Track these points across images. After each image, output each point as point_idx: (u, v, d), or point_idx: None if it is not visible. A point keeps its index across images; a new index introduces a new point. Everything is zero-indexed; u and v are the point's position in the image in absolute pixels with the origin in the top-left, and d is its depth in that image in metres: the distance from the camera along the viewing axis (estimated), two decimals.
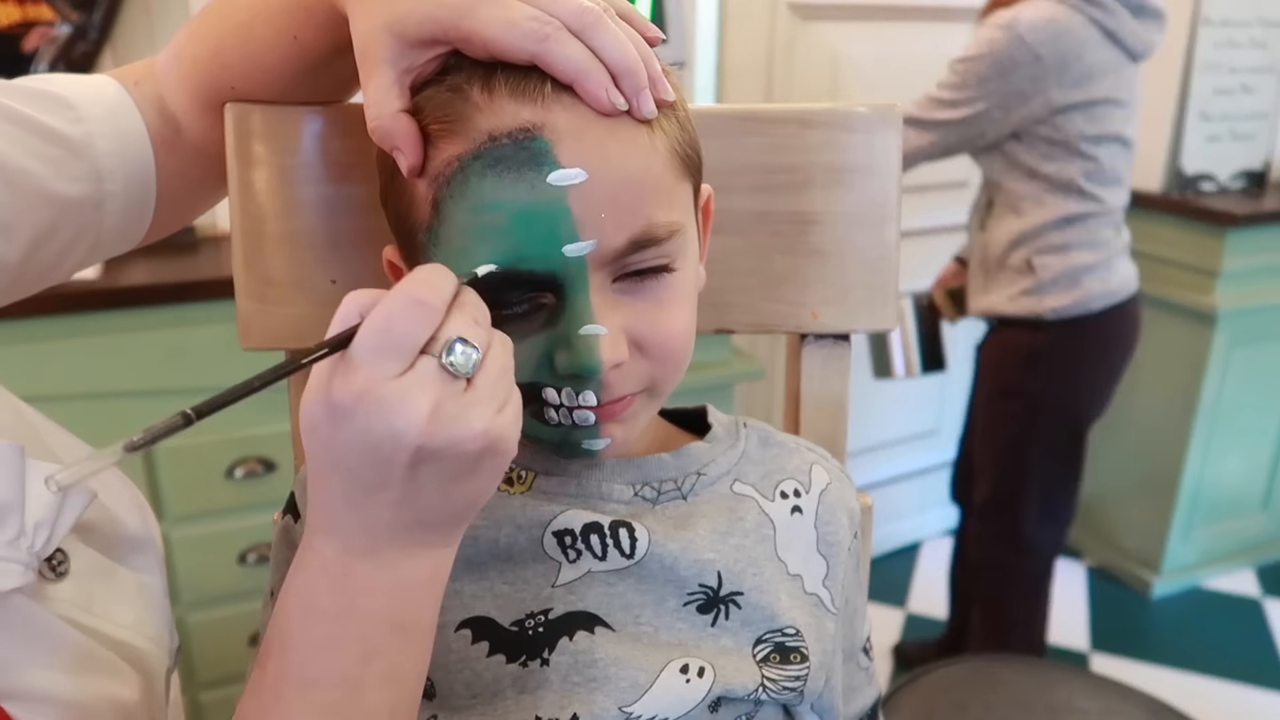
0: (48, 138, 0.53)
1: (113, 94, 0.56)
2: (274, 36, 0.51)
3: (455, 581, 0.49)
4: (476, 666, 0.48)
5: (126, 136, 0.56)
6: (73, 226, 0.55)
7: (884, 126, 0.63)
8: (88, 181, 0.54)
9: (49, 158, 0.52)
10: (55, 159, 0.53)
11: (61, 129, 0.53)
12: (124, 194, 0.56)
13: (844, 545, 0.56)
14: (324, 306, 0.60)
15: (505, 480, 0.52)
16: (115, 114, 0.56)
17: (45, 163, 0.52)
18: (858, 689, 0.60)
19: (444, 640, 0.48)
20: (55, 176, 0.53)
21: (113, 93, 0.56)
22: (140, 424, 0.36)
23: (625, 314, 0.45)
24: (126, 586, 0.54)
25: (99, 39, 1.41)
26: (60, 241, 0.55)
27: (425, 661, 0.44)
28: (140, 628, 0.53)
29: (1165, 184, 2.05)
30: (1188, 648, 2.02)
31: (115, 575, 0.53)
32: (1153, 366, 2.12)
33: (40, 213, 0.52)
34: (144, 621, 0.54)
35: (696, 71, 1.74)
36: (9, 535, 0.43)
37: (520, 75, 0.42)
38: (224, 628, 1.41)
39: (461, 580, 0.49)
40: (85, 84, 0.56)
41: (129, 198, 0.57)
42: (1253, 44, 2.01)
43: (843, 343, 0.66)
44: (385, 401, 0.37)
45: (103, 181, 0.55)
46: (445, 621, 0.48)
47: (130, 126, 0.56)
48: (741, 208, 0.62)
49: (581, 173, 0.42)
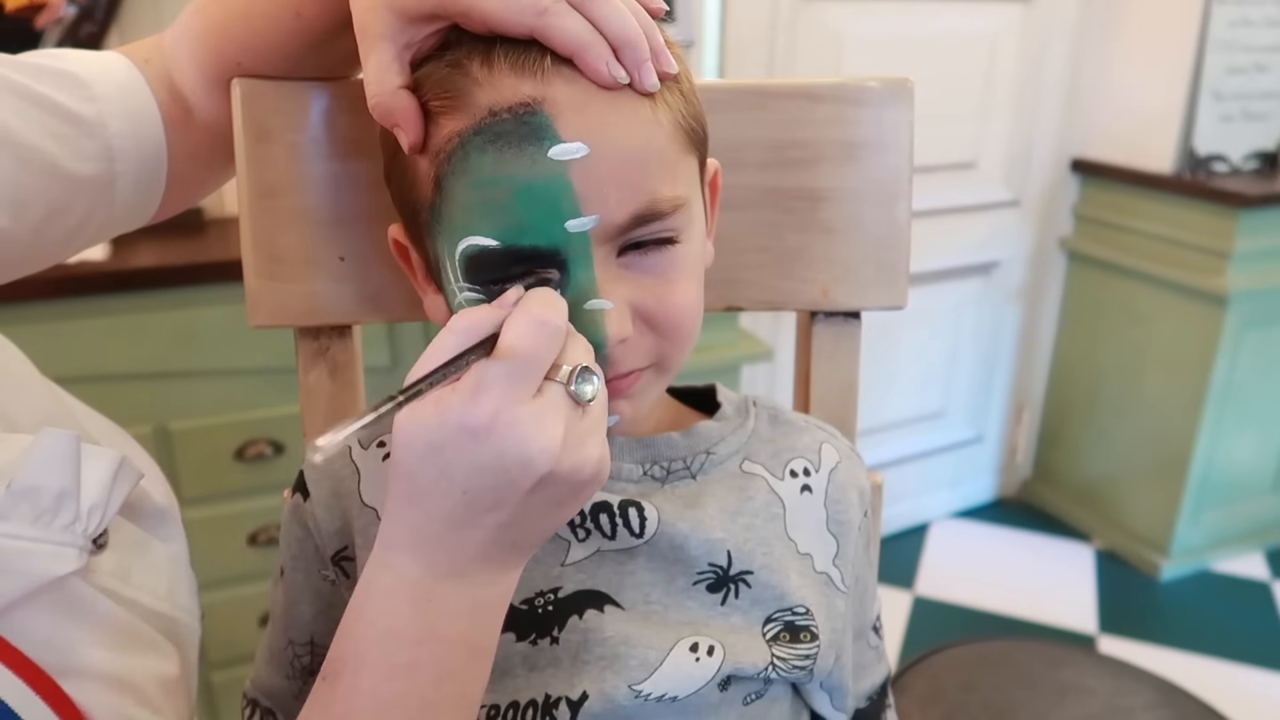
0: (61, 116, 0.52)
1: (124, 72, 0.56)
2: (277, 12, 0.51)
3: None
4: None
5: (138, 116, 0.56)
6: (83, 205, 0.55)
7: (895, 101, 0.62)
8: (100, 161, 0.54)
9: (62, 136, 0.52)
10: (68, 138, 0.53)
11: (74, 107, 0.53)
12: (135, 173, 0.56)
13: (854, 524, 0.56)
14: (332, 283, 0.59)
15: None
16: (127, 93, 0.56)
17: (58, 141, 0.52)
18: (867, 667, 0.60)
19: None
20: (68, 156, 0.53)
21: (124, 70, 0.56)
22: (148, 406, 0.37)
23: (630, 288, 0.45)
24: (158, 557, 0.55)
25: (105, 20, 1.41)
26: (71, 220, 0.55)
27: (487, 678, 0.44)
28: (174, 597, 0.54)
29: (1177, 164, 2.03)
30: (1196, 630, 2.01)
31: (149, 547, 0.54)
32: (1164, 348, 2.11)
33: (52, 191, 0.52)
34: (176, 591, 0.55)
35: (703, 52, 1.73)
36: (66, 520, 0.45)
37: (520, 49, 0.42)
38: (236, 608, 1.42)
39: None
40: (97, 61, 0.56)
41: (140, 177, 0.57)
42: (1267, 22, 1.99)
43: (853, 320, 0.66)
44: (521, 426, 0.37)
45: (114, 161, 0.55)
46: None
47: (142, 106, 0.56)
48: (751, 184, 0.62)
49: (583, 147, 0.41)
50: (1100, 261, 2.22)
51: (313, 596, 0.54)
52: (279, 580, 0.55)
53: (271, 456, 1.36)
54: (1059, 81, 2.14)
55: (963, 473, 2.44)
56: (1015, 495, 2.54)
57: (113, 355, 1.27)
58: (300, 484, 0.54)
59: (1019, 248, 2.26)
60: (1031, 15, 2.04)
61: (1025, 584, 2.16)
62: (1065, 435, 2.42)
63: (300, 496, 0.53)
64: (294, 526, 0.54)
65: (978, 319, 2.29)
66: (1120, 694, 1.00)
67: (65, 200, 0.53)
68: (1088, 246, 2.24)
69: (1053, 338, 2.40)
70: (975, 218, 2.17)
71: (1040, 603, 2.09)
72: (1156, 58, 2.03)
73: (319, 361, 0.62)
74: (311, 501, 0.52)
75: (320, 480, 0.52)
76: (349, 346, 0.63)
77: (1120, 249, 2.17)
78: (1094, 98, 2.17)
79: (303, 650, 0.55)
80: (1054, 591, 2.14)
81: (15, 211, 0.50)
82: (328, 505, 0.52)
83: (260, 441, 1.36)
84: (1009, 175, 2.17)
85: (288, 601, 0.55)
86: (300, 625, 0.55)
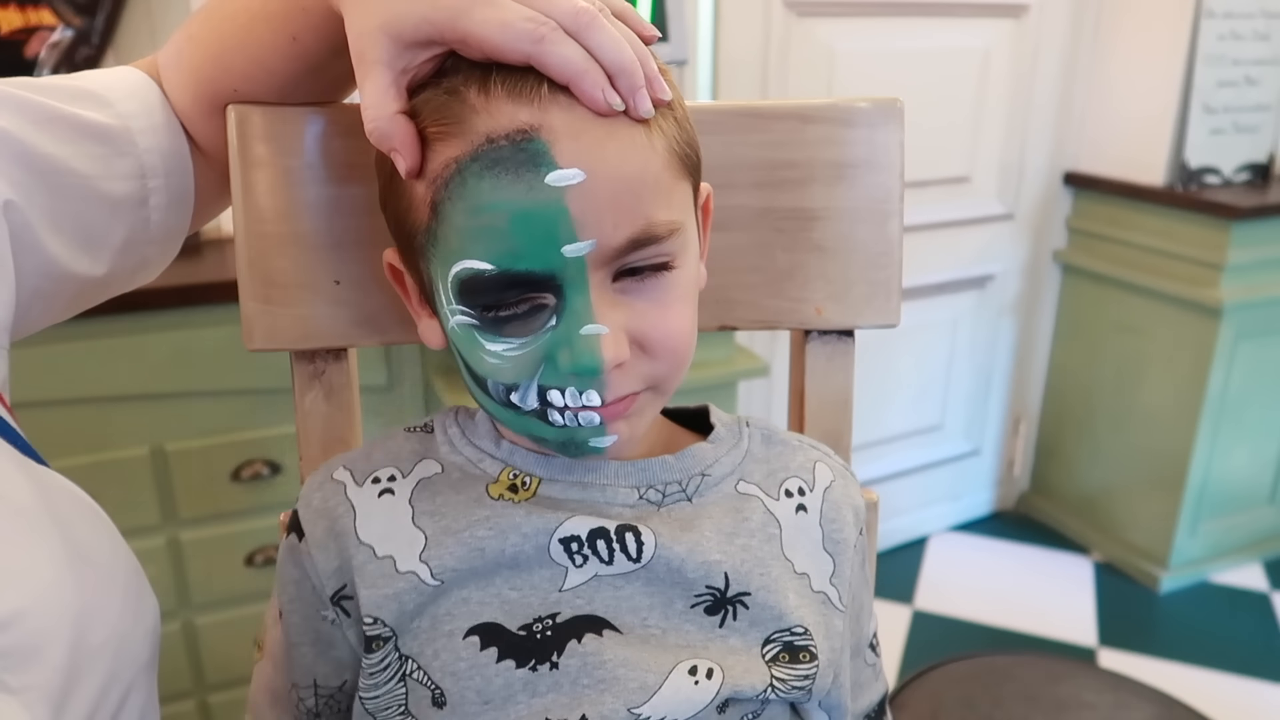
0: (94, 135, 0.52)
1: (144, 87, 0.56)
2: (274, 38, 0.51)
3: (462, 589, 0.49)
4: (486, 673, 0.48)
5: (162, 131, 0.55)
6: (124, 227, 0.54)
7: (885, 121, 0.63)
8: (133, 179, 0.54)
9: (95, 156, 0.52)
10: (102, 157, 0.52)
11: (105, 123, 0.53)
12: (166, 189, 0.56)
13: (850, 542, 0.56)
14: (328, 306, 0.60)
15: (509, 487, 0.52)
16: (150, 108, 0.55)
17: (93, 162, 0.52)
18: (865, 685, 0.60)
19: (453, 648, 0.48)
20: (104, 175, 0.52)
21: (143, 85, 0.56)
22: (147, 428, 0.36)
23: (626, 313, 0.45)
24: None
25: (101, 43, 1.42)
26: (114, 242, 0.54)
27: None
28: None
29: (1169, 177, 2.05)
30: (1196, 642, 2.01)
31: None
32: (1159, 360, 2.12)
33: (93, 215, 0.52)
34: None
35: (697, 70, 1.74)
36: None
37: (517, 76, 0.42)
38: (233, 629, 1.41)
39: (468, 588, 0.49)
40: (114, 78, 0.55)
41: (170, 194, 0.56)
42: (1256, 36, 2.00)
43: (846, 338, 0.66)
44: None
45: (146, 178, 0.55)
46: (453, 629, 0.49)
47: (165, 120, 0.56)
48: (743, 204, 0.62)
49: (579, 173, 0.42)
50: (1094, 274, 2.23)
51: (313, 638, 0.53)
52: (278, 621, 0.55)
53: (269, 477, 1.36)
54: (1051, 95, 2.15)
55: (960, 486, 2.44)
56: (1013, 508, 2.54)
57: (109, 376, 1.27)
58: (295, 524, 0.53)
59: (1013, 261, 2.27)
60: (1023, 30, 2.06)
61: (1025, 597, 2.16)
62: (1062, 448, 2.42)
63: (295, 537, 0.53)
64: (290, 568, 0.53)
65: (973, 332, 2.30)
66: (1119, 708, 1.00)
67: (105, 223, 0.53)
68: (1081, 259, 2.25)
69: (1048, 350, 2.41)
70: (970, 232, 2.18)
71: (1040, 616, 2.08)
72: (1147, 71, 2.04)
73: (315, 384, 0.62)
74: (307, 542, 0.52)
75: (315, 519, 0.52)
76: (345, 369, 0.63)
77: (1114, 261, 2.18)
78: (1086, 111, 2.19)
79: (306, 693, 0.55)
80: (1054, 604, 2.14)
81: (93, 253, 0.51)
82: (323, 545, 0.51)
83: (257, 462, 1.36)
84: (1002, 189, 2.18)
85: (288, 644, 0.54)
86: (302, 668, 0.54)
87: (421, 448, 0.54)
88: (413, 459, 0.53)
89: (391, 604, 0.49)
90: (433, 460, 0.53)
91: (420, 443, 0.55)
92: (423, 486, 0.52)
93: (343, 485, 0.52)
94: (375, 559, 0.50)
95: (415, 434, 0.55)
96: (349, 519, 0.51)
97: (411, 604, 0.49)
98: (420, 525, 0.50)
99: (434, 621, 0.49)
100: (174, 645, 1.38)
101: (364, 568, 0.50)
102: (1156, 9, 2.01)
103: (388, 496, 0.52)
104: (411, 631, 0.49)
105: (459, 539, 0.50)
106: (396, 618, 0.49)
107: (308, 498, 0.53)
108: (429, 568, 0.49)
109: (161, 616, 0.52)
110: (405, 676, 0.49)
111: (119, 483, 1.30)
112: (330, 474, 0.53)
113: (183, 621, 1.38)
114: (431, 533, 0.50)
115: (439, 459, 0.53)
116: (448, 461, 0.53)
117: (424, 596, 0.49)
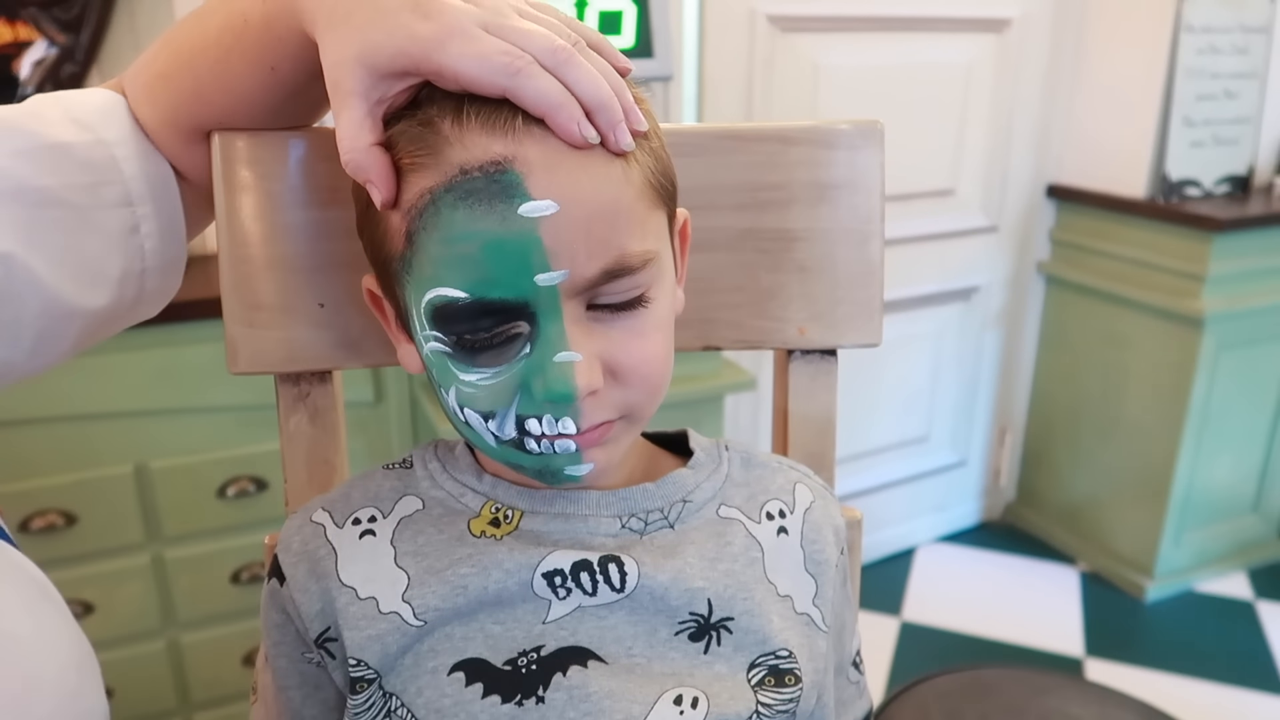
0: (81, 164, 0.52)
1: (119, 110, 0.55)
2: (251, 70, 0.51)
3: (445, 627, 0.49)
4: (472, 709, 0.48)
5: (147, 158, 0.55)
6: (120, 257, 0.54)
7: (866, 143, 0.63)
8: (121, 207, 0.54)
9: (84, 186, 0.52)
10: (90, 186, 0.52)
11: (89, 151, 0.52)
12: (155, 216, 0.56)
13: (831, 563, 0.56)
14: (312, 329, 0.60)
15: (491, 521, 0.52)
16: (129, 134, 0.55)
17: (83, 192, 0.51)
18: (848, 703, 0.61)
19: (437, 685, 0.48)
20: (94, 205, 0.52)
21: (119, 109, 0.55)
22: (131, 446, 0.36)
23: (600, 341, 0.46)
24: None
25: (86, 60, 1.42)
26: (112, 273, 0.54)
27: None
28: None
29: (1150, 190, 2.07)
30: (1182, 651, 2.02)
31: None
32: (1142, 371, 2.13)
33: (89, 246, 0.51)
34: None
35: (682, 85, 1.75)
36: None
37: (491, 108, 0.42)
38: (219, 646, 1.41)
39: (452, 625, 0.49)
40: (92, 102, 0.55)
41: (160, 220, 0.56)
42: (1234, 50, 2.03)
43: (829, 358, 0.67)
44: None
45: (134, 205, 0.54)
46: (436, 665, 0.48)
47: (147, 147, 0.55)
48: (726, 225, 0.63)
49: (552, 204, 0.42)
50: (1077, 285, 2.25)
51: (299, 681, 0.53)
52: (265, 665, 0.55)
53: (254, 493, 1.36)
54: (1033, 109, 2.17)
55: (947, 497, 2.45)
56: (999, 519, 2.55)
57: (93, 394, 1.26)
58: (275, 569, 0.53)
59: (997, 273, 2.29)
60: (1005, 45, 2.08)
61: (1011, 608, 2.16)
62: (1048, 458, 2.43)
63: (276, 582, 0.52)
64: (272, 613, 0.53)
65: (959, 344, 2.31)
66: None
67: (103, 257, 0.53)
68: (1065, 271, 2.27)
69: (1033, 361, 2.42)
70: (954, 244, 2.19)
71: (1027, 626, 2.09)
72: (1128, 85, 2.06)
73: (299, 407, 0.62)
74: (288, 586, 0.51)
75: (296, 563, 0.52)
76: (329, 391, 0.63)
77: (1097, 273, 2.20)
78: (1068, 125, 2.21)
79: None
80: (1040, 615, 2.15)
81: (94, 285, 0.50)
82: (305, 588, 0.51)
83: (243, 479, 1.35)
84: (986, 202, 2.20)
85: (276, 687, 0.54)
86: (291, 711, 0.54)
87: (401, 484, 0.54)
88: (393, 497, 0.53)
89: (375, 645, 0.49)
90: (414, 496, 0.53)
91: (400, 479, 0.55)
92: (404, 525, 0.52)
93: (322, 527, 0.52)
94: (358, 600, 0.50)
95: (394, 470, 0.55)
96: (330, 561, 0.51)
97: (395, 645, 0.49)
98: (403, 565, 0.50)
99: (417, 659, 0.49)
100: (159, 663, 1.37)
101: (347, 609, 0.50)
102: (1136, 24, 2.03)
103: (369, 538, 0.52)
104: (395, 670, 0.49)
105: (441, 578, 0.50)
106: (380, 659, 0.49)
107: (287, 541, 0.53)
108: (412, 608, 0.49)
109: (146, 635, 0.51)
110: (389, 714, 0.49)
111: (103, 500, 1.29)
112: (309, 516, 0.53)
113: (168, 639, 1.37)
114: (414, 573, 0.50)
115: (420, 494, 0.53)
116: (429, 497, 0.53)
117: (408, 637, 0.49)
